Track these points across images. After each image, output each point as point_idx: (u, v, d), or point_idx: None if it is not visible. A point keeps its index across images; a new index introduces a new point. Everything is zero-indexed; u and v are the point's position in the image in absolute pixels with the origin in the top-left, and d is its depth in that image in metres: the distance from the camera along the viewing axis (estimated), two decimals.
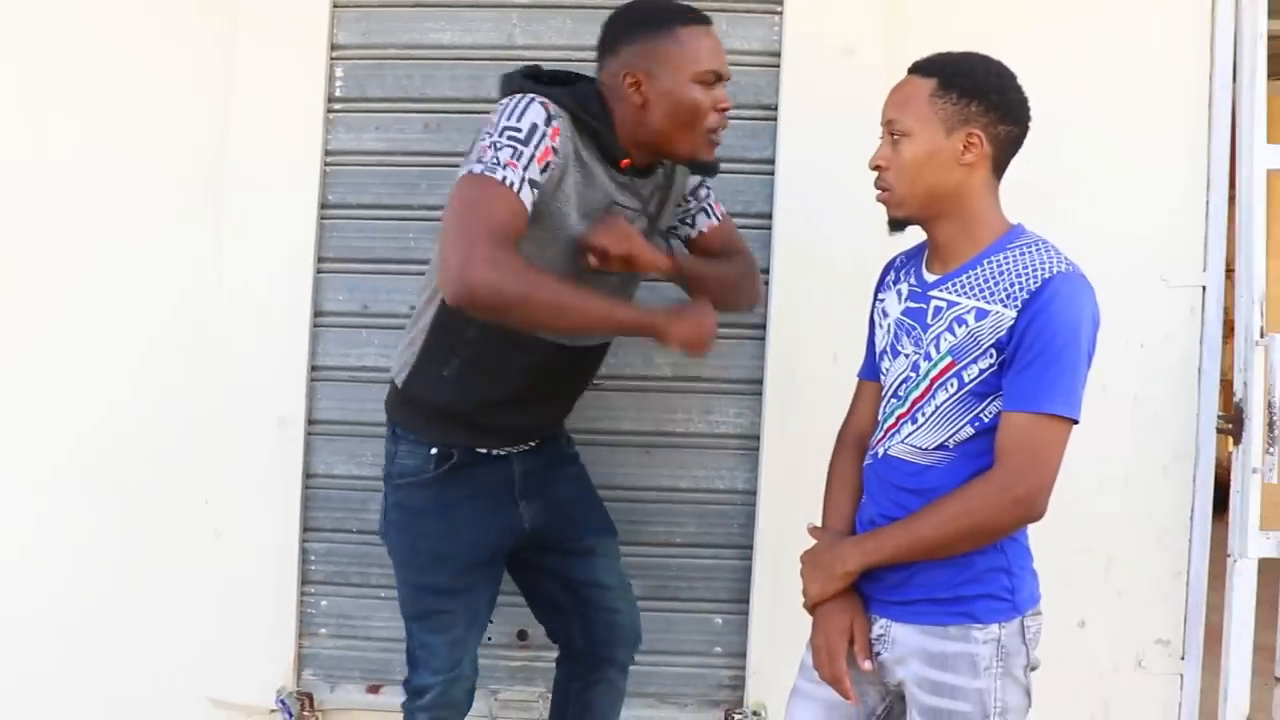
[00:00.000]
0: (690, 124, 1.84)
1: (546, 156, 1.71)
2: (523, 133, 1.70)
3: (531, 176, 1.69)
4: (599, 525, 2.24)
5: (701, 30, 1.86)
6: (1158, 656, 2.63)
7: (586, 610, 2.18)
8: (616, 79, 1.84)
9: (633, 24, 1.86)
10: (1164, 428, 2.61)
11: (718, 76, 1.86)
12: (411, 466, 2.00)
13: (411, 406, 2.01)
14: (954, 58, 1.69)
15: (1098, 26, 2.60)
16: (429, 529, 2.02)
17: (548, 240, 1.80)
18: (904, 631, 1.70)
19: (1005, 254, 1.66)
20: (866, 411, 1.90)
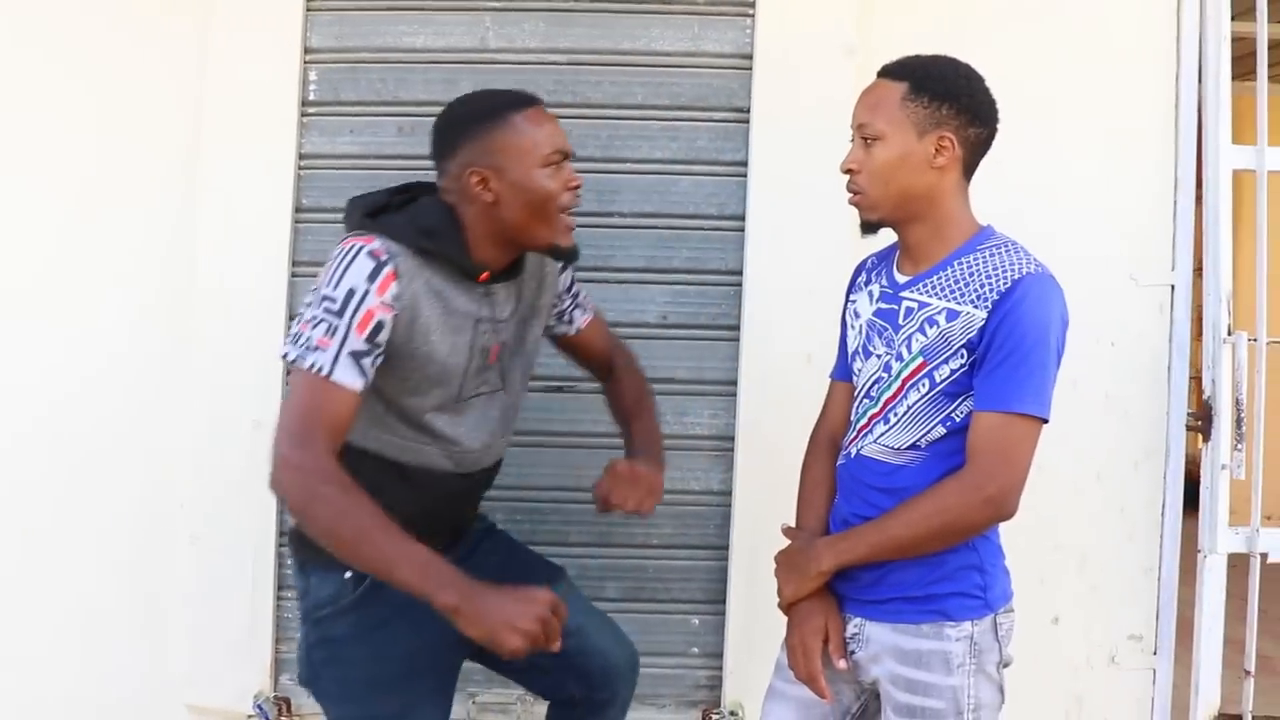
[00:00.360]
0: (545, 212, 1.75)
1: (372, 318, 1.63)
2: (338, 303, 1.62)
3: (352, 349, 1.62)
4: (540, 579, 1.99)
5: (537, 113, 1.78)
6: (1131, 652, 2.65)
7: (574, 661, 1.98)
8: (461, 180, 1.74)
9: (466, 120, 1.77)
10: (1135, 425, 2.63)
11: (564, 155, 1.78)
12: (327, 596, 1.83)
13: (311, 544, 1.77)
14: (924, 61, 1.71)
15: (1065, 29, 2.63)
16: (358, 656, 1.84)
17: (419, 371, 1.73)
18: (878, 630, 1.71)
19: (975, 255, 1.67)
20: (839, 412, 1.91)
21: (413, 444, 1.78)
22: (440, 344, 1.73)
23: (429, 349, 1.71)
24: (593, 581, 2.62)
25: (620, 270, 2.64)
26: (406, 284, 1.67)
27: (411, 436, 1.77)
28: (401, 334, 1.68)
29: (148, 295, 2.61)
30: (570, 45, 2.61)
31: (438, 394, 1.76)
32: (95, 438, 2.62)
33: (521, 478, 2.62)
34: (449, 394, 1.78)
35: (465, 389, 1.79)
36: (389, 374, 1.71)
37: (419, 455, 1.79)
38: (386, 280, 1.64)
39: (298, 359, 1.61)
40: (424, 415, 1.77)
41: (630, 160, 2.63)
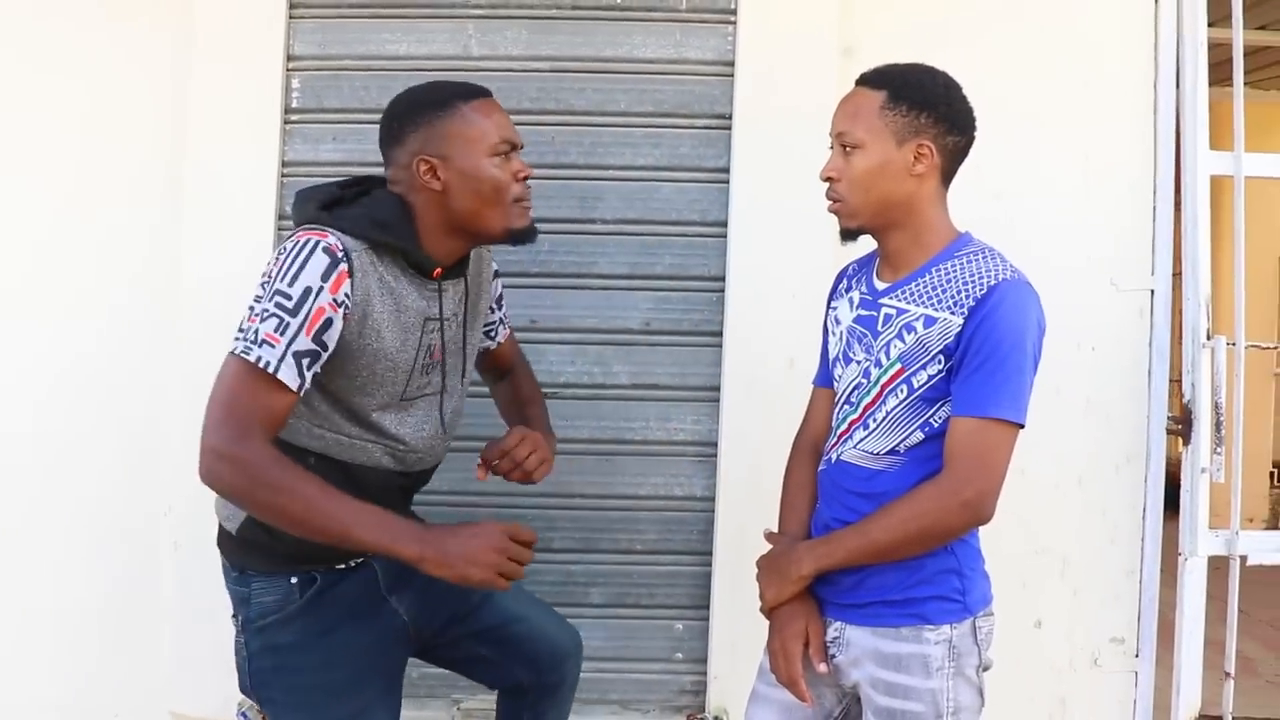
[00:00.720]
0: (495, 200, 1.75)
1: (321, 315, 1.60)
2: (292, 300, 1.59)
3: (300, 349, 1.59)
4: None
5: (486, 103, 1.79)
6: (1113, 654, 2.67)
7: (519, 649, 2.04)
8: (410, 170, 1.74)
9: (415, 109, 1.77)
10: (1116, 429, 2.65)
11: (512, 146, 1.78)
12: (273, 603, 1.79)
13: (252, 549, 1.79)
14: (902, 69, 1.72)
15: (1044, 36, 2.65)
16: (307, 663, 1.79)
17: (367, 368, 1.72)
18: (858, 634, 1.71)
19: (953, 261, 1.68)
20: (821, 418, 1.92)
21: (358, 442, 1.76)
22: (390, 341, 1.72)
23: (379, 345, 1.70)
24: (577, 587, 2.63)
25: (603, 276, 2.64)
26: (360, 280, 1.66)
27: (357, 434, 1.76)
28: (352, 330, 1.67)
29: (131, 302, 2.61)
30: (553, 52, 2.62)
31: (383, 393, 1.75)
32: (77, 444, 2.61)
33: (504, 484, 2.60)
34: (394, 392, 1.76)
35: (410, 388, 1.79)
36: (337, 371, 1.70)
37: (363, 454, 1.77)
38: (340, 279, 1.62)
39: (244, 351, 1.58)
40: (370, 414, 1.75)
41: (613, 167, 2.64)
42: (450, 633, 1.99)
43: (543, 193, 2.58)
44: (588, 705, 2.59)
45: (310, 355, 1.61)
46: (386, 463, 1.80)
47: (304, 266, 1.61)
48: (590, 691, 2.57)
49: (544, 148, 2.59)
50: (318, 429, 1.73)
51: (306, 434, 1.73)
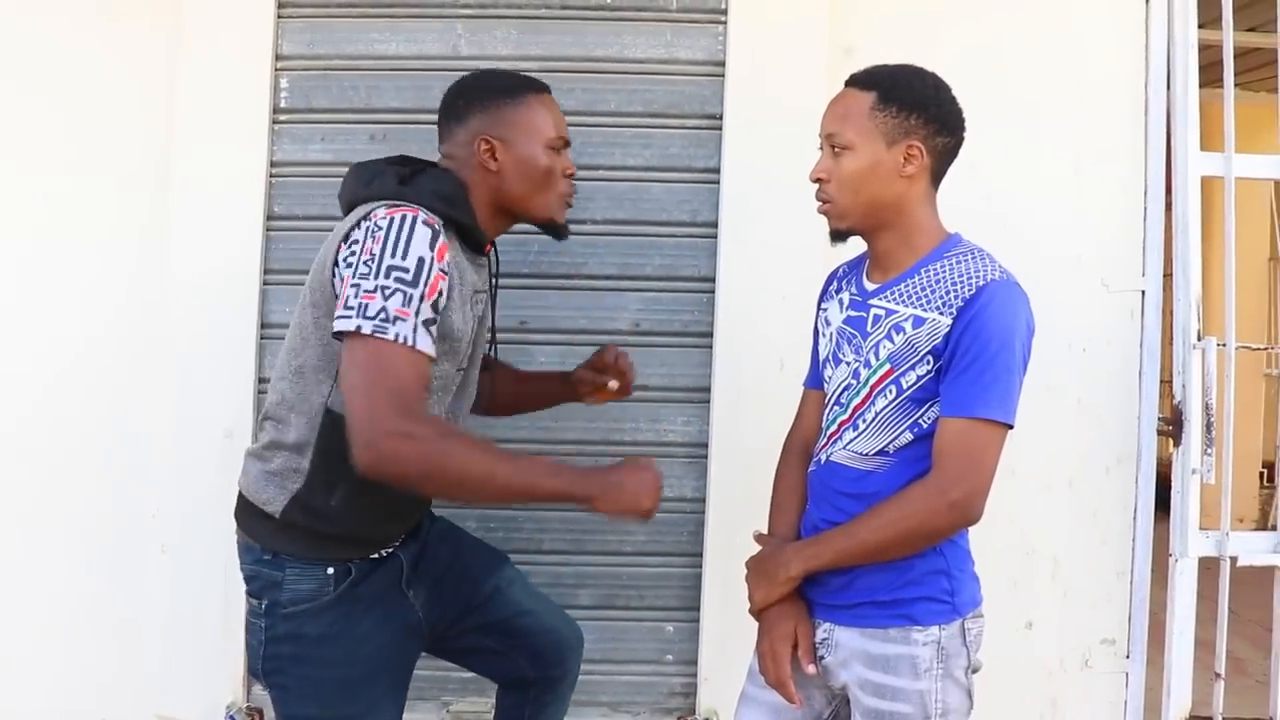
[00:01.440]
0: (545, 188, 1.87)
1: (437, 286, 1.65)
2: (410, 272, 1.62)
3: (425, 317, 1.63)
4: (488, 565, 2.10)
5: (550, 99, 1.91)
6: (1104, 655, 2.66)
7: (525, 641, 2.09)
8: (468, 148, 1.83)
9: (483, 92, 1.86)
10: (1107, 430, 2.65)
11: (566, 143, 1.90)
12: (306, 591, 1.79)
13: (294, 533, 1.79)
14: (892, 70, 1.72)
15: (1035, 38, 2.65)
16: (332, 656, 1.80)
17: (443, 340, 1.74)
18: (846, 635, 1.71)
19: (942, 262, 1.68)
20: (811, 420, 1.92)
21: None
22: (458, 313, 1.75)
23: (450, 318, 1.73)
24: (566, 589, 2.62)
25: (593, 277, 2.63)
26: (453, 254, 1.71)
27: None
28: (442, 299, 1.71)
29: (118, 302, 2.60)
30: (542, 52, 2.61)
31: (449, 364, 1.79)
32: (65, 446, 2.60)
33: None
34: (457, 363, 1.82)
35: (464, 361, 1.83)
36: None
37: None
38: (443, 249, 1.67)
39: (379, 331, 1.59)
40: (434, 381, 1.76)
41: (603, 167, 2.63)
42: (459, 625, 2.02)
43: None
44: (577, 707, 2.57)
45: (433, 322, 1.65)
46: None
47: (411, 239, 1.64)
48: (580, 693, 2.54)
49: None
50: None
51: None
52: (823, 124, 1.74)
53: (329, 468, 1.74)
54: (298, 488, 1.77)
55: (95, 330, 2.60)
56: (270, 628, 1.80)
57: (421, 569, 1.96)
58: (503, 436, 2.59)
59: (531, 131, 1.84)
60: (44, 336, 2.60)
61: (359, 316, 1.59)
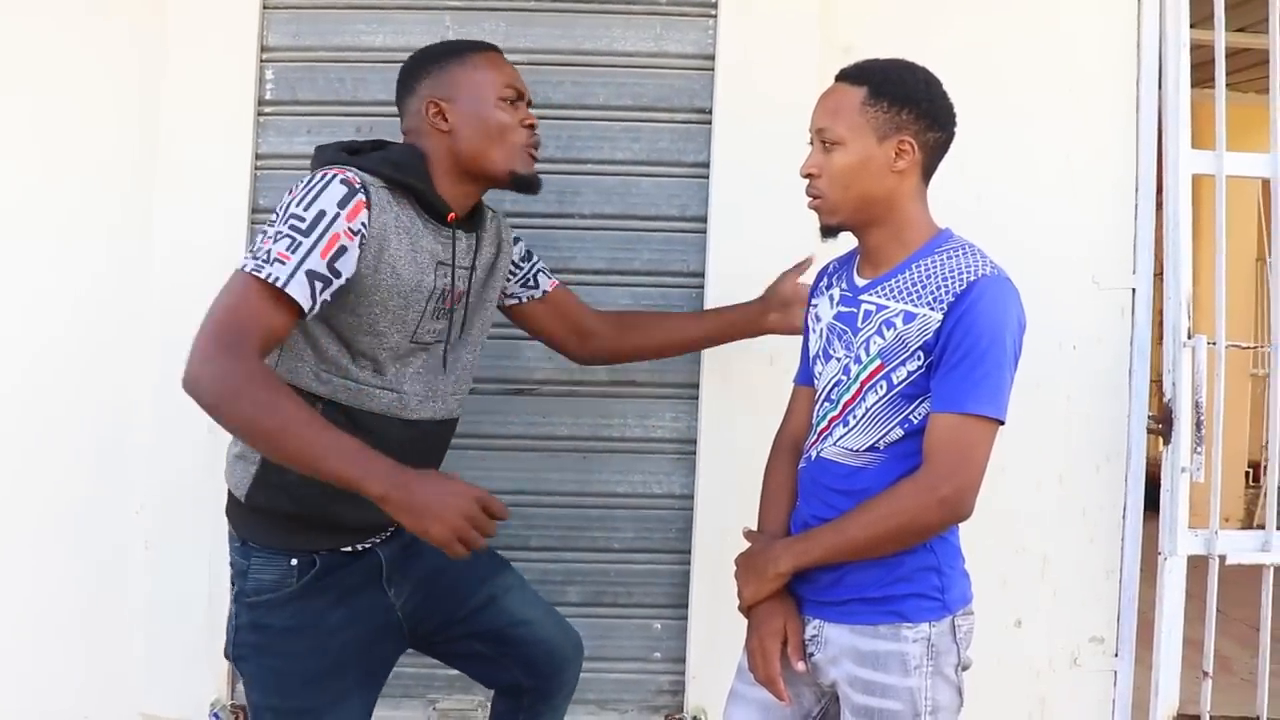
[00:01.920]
0: (500, 140, 1.83)
1: (336, 242, 1.62)
2: (305, 222, 1.61)
3: (311, 268, 1.60)
4: (485, 571, 2.05)
5: (495, 56, 1.89)
6: (1092, 654, 2.65)
7: (520, 651, 2.04)
8: (420, 115, 1.82)
9: (427, 59, 1.87)
10: (1096, 427, 2.64)
11: (519, 94, 1.87)
12: (269, 582, 1.78)
13: (260, 516, 1.79)
14: (883, 65, 1.71)
15: (1026, 34, 2.64)
16: (295, 648, 1.79)
17: (380, 305, 1.72)
18: (836, 631, 1.71)
19: (933, 258, 1.68)
20: (801, 417, 1.91)
21: (365, 388, 1.75)
22: (406, 278, 1.73)
23: (394, 282, 1.71)
24: (554, 586, 2.60)
25: (581, 271, 2.61)
26: (378, 214, 1.69)
27: (364, 380, 1.75)
28: (369, 264, 1.68)
29: (100, 295, 2.57)
30: (531, 45, 2.58)
31: (395, 334, 1.76)
32: (46, 441, 2.57)
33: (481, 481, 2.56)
34: (405, 333, 1.77)
35: (420, 331, 1.80)
36: (351, 308, 1.71)
37: (370, 400, 1.76)
38: (357, 207, 1.65)
39: (254, 269, 1.58)
40: (378, 356, 1.75)
41: (591, 161, 2.61)
42: (450, 630, 1.99)
43: None
44: None
45: (322, 279, 1.61)
46: (393, 410, 1.79)
47: (320, 194, 1.64)
48: None
49: None
50: (325, 373, 1.73)
51: (314, 378, 1.73)
52: (813, 119, 1.73)
53: None
54: (259, 463, 1.75)
55: (77, 324, 2.57)
56: (237, 615, 1.82)
57: (406, 568, 1.92)
58: (491, 432, 2.58)
59: (477, 86, 1.82)
60: (24, 329, 2.57)
61: (248, 255, 1.61)
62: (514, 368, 2.61)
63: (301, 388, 1.71)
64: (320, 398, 1.73)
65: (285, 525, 1.78)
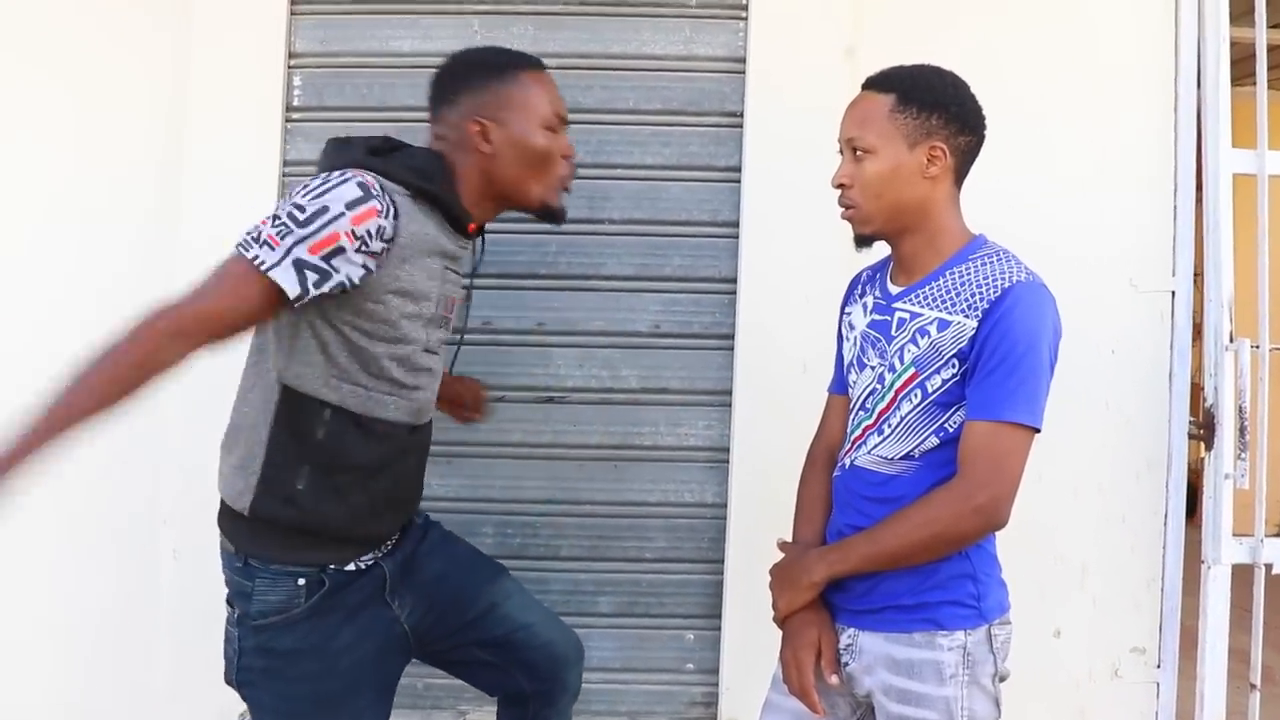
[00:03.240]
0: (542, 171, 1.78)
1: (334, 241, 1.55)
2: (305, 213, 1.56)
3: (299, 258, 1.55)
4: (484, 578, 2.02)
5: (545, 76, 1.82)
6: (1134, 665, 2.61)
7: (522, 655, 2.01)
8: (459, 129, 1.76)
9: (474, 71, 1.79)
10: (1136, 433, 2.60)
11: (564, 122, 1.82)
12: (275, 603, 1.72)
13: (266, 531, 1.73)
14: (909, 71, 1.69)
15: (1061, 33, 2.60)
16: (304, 671, 1.74)
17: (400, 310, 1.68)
18: (871, 640, 1.68)
19: (967, 265, 1.65)
20: (836, 426, 1.89)
21: (375, 394, 1.72)
22: (425, 288, 1.71)
23: (415, 291, 1.69)
24: (585, 596, 2.59)
25: (611, 278, 2.60)
26: (407, 223, 1.64)
27: (374, 386, 1.71)
28: (391, 273, 1.64)
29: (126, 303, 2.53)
30: (559, 49, 2.57)
31: (410, 341, 1.73)
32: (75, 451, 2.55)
33: (511, 490, 2.59)
34: (420, 341, 1.75)
35: (430, 339, 1.78)
36: (370, 314, 1.66)
37: (379, 406, 1.73)
38: (367, 214, 1.58)
39: (241, 248, 1.56)
40: (390, 364, 1.71)
41: (621, 165, 2.60)
42: (452, 639, 1.96)
43: None
44: (597, 717, 2.55)
45: (315, 271, 1.56)
46: (400, 416, 1.77)
47: (330, 191, 1.58)
48: (599, 703, 2.53)
49: None
50: (334, 380, 1.69)
51: (324, 385, 1.69)
52: (842, 129, 1.71)
53: (287, 444, 1.69)
54: (260, 472, 1.71)
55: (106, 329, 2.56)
56: (242, 639, 1.76)
57: (408, 579, 1.89)
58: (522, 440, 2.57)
59: (526, 111, 1.76)
60: (54, 335, 2.56)
61: (244, 234, 1.58)
62: (544, 375, 2.59)
63: (310, 394, 1.68)
64: (329, 404, 1.69)
65: (291, 539, 1.72)
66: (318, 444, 1.69)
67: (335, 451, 1.70)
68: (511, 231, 2.48)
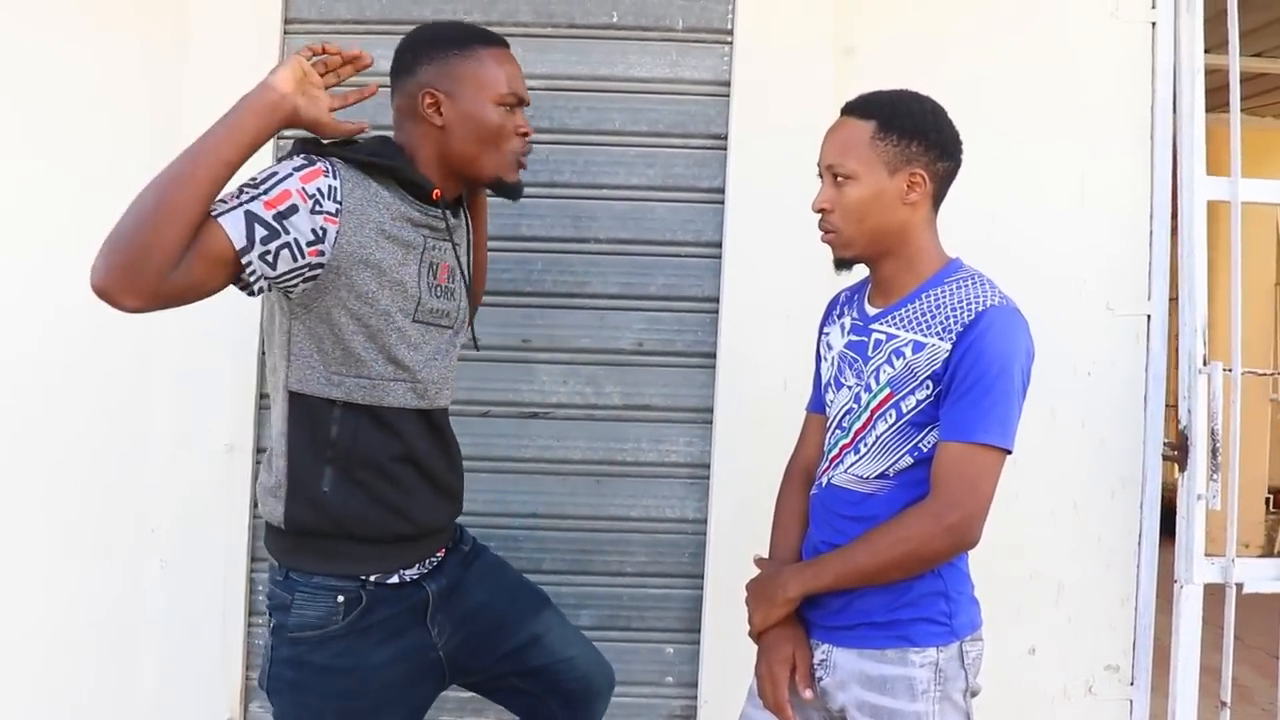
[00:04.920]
0: (493, 146, 1.77)
1: (287, 198, 1.56)
2: (257, 180, 1.58)
3: (251, 209, 1.54)
4: (530, 609, 2.01)
5: (503, 53, 1.80)
6: (1107, 682, 2.64)
7: (560, 686, 2.00)
8: (414, 99, 1.74)
9: (432, 43, 1.77)
10: (1111, 454, 2.63)
11: (519, 100, 1.79)
12: (313, 618, 1.72)
13: (304, 542, 1.74)
14: (890, 97, 1.72)
15: (1040, 61, 2.65)
16: (333, 688, 1.73)
17: (374, 282, 1.67)
18: (844, 656, 1.70)
19: (943, 288, 1.69)
20: (813, 444, 1.92)
21: (379, 382, 1.71)
22: (399, 255, 1.69)
23: (385, 257, 1.67)
24: (567, 609, 2.57)
25: (596, 296, 2.63)
26: (351, 189, 1.64)
27: (376, 374, 1.71)
28: (350, 239, 1.63)
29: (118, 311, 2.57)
30: (548, 70, 2.61)
31: (397, 311, 1.71)
32: (62, 458, 2.58)
33: (495, 504, 2.61)
34: (407, 310, 1.72)
35: (421, 310, 1.75)
36: (346, 290, 1.65)
37: (387, 394, 1.72)
38: (314, 173, 1.60)
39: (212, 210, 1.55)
40: (385, 343, 1.70)
41: (607, 186, 2.63)
42: (491, 669, 1.96)
43: (536, 211, 2.59)
44: None
45: (266, 228, 1.55)
46: (410, 400, 1.76)
47: (277, 164, 1.62)
48: None
49: (538, 166, 2.57)
50: (335, 375, 1.69)
51: (326, 381, 1.69)
52: (822, 154, 1.74)
53: (304, 449, 1.71)
54: (286, 482, 1.73)
55: (94, 339, 2.58)
56: (275, 648, 1.76)
57: (450, 606, 1.87)
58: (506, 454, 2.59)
59: (479, 86, 1.74)
60: (41, 344, 2.58)
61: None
62: (529, 391, 2.62)
63: (316, 395, 1.69)
64: (337, 402, 1.70)
65: (329, 547, 1.73)
66: (333, 443, 1.70)
67: (351, 448, 1.70)
68: (498, 250, 2.50)
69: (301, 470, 1.71)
